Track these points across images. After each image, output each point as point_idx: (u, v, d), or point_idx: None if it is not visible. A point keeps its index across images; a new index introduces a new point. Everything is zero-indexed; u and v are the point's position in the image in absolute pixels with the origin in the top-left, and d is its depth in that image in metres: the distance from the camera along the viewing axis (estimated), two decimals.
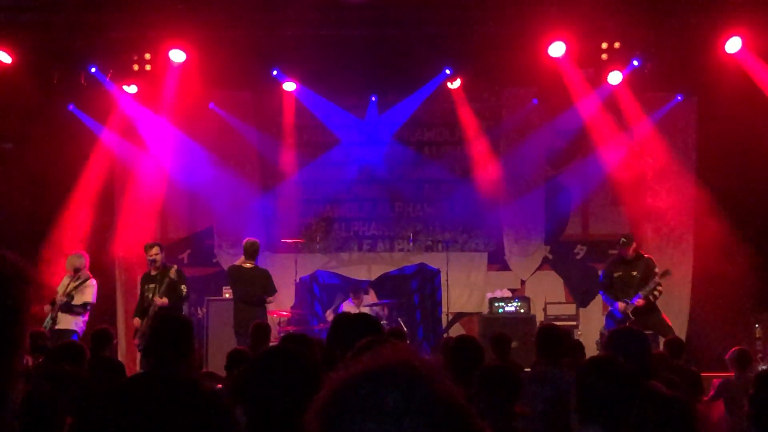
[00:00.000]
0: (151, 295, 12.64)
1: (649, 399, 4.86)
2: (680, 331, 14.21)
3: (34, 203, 14.33)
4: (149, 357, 5.03)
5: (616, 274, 12.89)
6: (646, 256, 13.10)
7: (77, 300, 12.43)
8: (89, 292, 12.61)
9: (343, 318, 6.05)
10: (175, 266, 12.82)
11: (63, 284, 12.67)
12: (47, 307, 12.32)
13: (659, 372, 6.86)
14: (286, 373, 3.24)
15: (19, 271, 2.07)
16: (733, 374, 9.60)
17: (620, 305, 12.55)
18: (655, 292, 12.61)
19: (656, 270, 12.77)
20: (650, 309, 12.55)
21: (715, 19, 13.17)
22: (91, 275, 12.78)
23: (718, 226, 14.68)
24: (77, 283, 12.59)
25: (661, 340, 11.69)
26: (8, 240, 13.36)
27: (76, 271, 12.68)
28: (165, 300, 12.41)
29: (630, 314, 12.40)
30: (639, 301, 12.44)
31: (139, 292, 13.18)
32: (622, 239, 12.95)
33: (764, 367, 11.00)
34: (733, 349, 9.67)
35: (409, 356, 1.64)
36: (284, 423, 3.12)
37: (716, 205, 14.72)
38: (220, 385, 7.04)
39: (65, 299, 12.35)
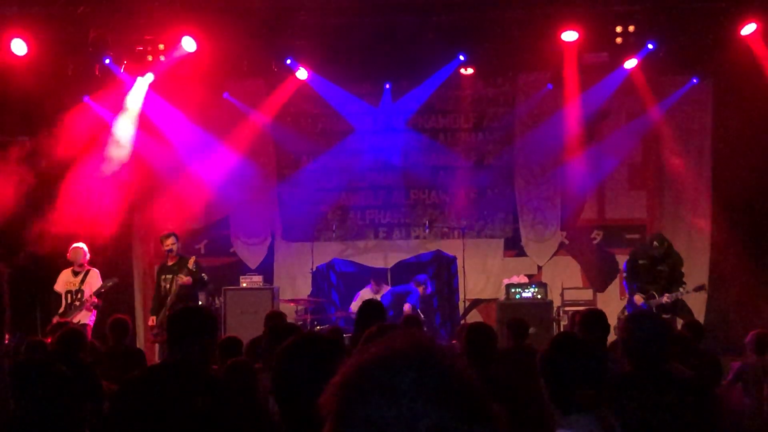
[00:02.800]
0: (168, 286, 12.70)
1: (667, 382, 4.85)
2: (698, 314, 14.19)
3: (50, 195, 14.35)
4: (171, 347, 5.05)
5: (640, 261, 12.88)
6: (674, 251, 13.07)
7: (93, 299, 12.56)
8: (97, 282, 12.71)
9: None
10: (194, 257, 12.88)
11: (68, 280, 12.74)
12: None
13: (681, 355, 6.86)
14: (314, 361, 3.23)
15: None
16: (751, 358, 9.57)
17: (638, 298, 12.54)
18: (680, 294, 12.64)
19: (682, 270, 12.80)
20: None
21: (730, 2, 13.10)
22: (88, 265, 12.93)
23: (735, 209, 14.63)
24: (83, 276, 12.69)
25: (680, 324, 11.67)
26: (23, 231, 13.47)
27: (80, 264, 12.78)
28: (188, 278, 12.47)
29: (654, 307, 12.39)
30: (665, 299, 12.46)
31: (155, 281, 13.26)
32: (655, 243, 12.91)
33: None
34: (751, 332, 9.62)
35: (422, 339, 1.64)
36: (315, 410, 3.10)
37: (733, 188, 14.65)
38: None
39: (96, 301, 12.50)
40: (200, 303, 13.10)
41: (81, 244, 13.03)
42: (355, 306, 14.41)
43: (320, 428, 1.64)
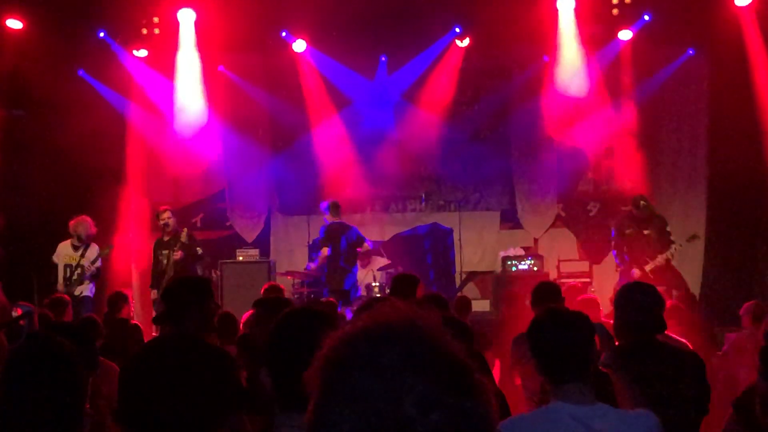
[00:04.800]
0: (165, 261, 12.72)
1: (661, 352, 4.88)
2: (694, 284, 14.23)
3: (45, 169, 14.33)
4: (165, 319, 5.07)
5: (627, 231, 12.88)
6: (657, 214, 13.08)
7: (94, 266, 12.57)
8: (97, 255, 12.72)
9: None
10: (186, 229, 12.88)
11: (67, 253, 12.72)
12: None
13: (675, 326, 6.89)
14: (309, 333, 3.24)
15: None
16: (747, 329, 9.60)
17: (635, 272, 12.54)
18: (674, 251, 12.64)
19: (668, 228, 12.79)
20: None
21: None
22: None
23: (731, 178, 14.63)
24: (83, 250, 12.68)
25: (674, 295, 11.70)
26: (21, 206, 13.45)
27: (81, 237, 12.75)
28: (180, 253, 12.47)
29: (650, 274, 12.40)
30: (661, 261, 12.47)
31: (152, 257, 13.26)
32: (642, 203, 12.89)
33: None
34: (747, 303, 9.65)
35: (409, 313, 1.63)
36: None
37: (730, 158, 14.64)
38: None
39: (94, 269, 12.50)
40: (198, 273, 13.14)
41: (86, 218, 12.95)
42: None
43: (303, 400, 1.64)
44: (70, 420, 3.25)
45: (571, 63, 14.90)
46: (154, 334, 12.61)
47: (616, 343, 5.02)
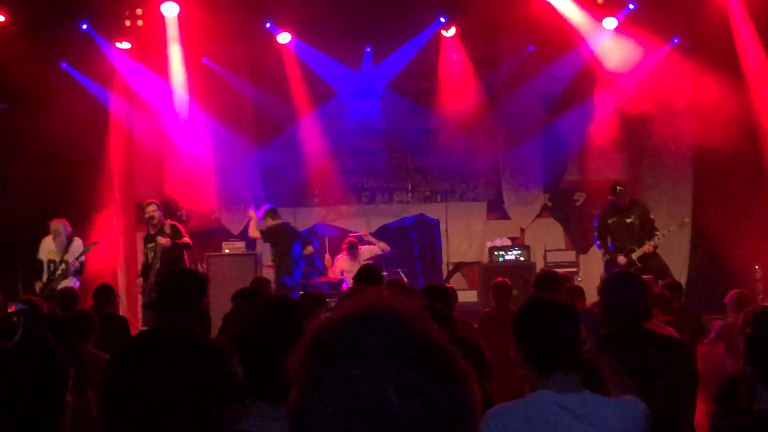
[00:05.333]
0: (151, 254, 12.67)
1: (648, 341, 4.87)
2: (680, 273, 14.28)
3: (28, 163, 14.26)
4: (157, 312, 5.04)
5: (610, 221, 12.88)
6: (639, 201, 13.11)
7: (79, 261, 12.53)
8: (81, 251, 12.66)
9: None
10: (168, 221, 12.84)
11: (51, 249, 12.67)
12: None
13: (661, 314, 6.89)
14: (282, 323, 3.23)
15: None
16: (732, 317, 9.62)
17: (621, 260, 12.53)
18: (660, 237, 12.65)
19: (651, 216, 12.81)
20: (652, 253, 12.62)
21: None
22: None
23: (717, 168, 14.66)
24: (69, 243, 12.63)
25: (660, 283, 11.71)
26: (4, 199, 13.39)
27: (62, 236, 12.69)
28: (167, 240, 12.43)
29: (636, 261, 12.41)
30: (648, 248, 12.47)
31: (142, 250, 13.23)
32: (619, 188, 12.88)
33: None
34: (731, 291, 9.67)
35: (390, 300, 1.62)
36: (280, 372, 3.10)
37: (715, 147, 14.64)
38: None
39: (78, 264, 12.46)
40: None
41: (61, 221, 12.88)
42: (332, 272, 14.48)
43: (282, 389, 1.62)
44: (51, 412, 3.23)
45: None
46: (140, 326, 12.64)
47: (603, 332, 5.01)
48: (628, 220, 12.74)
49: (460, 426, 1.55)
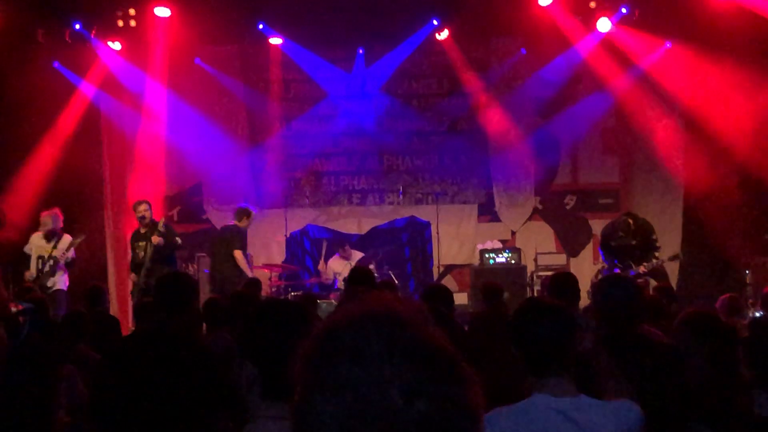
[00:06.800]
0: (142, 253, 12.63)
1: (639, 345, 4.88)
2: (671, 276, 14.28)
3: (19, 161, 14.23)
4: (151, 313, 5.05)
5: (613, 244, 12.95)
6: (641, 218, 13.13)
7: (69, 255, 12.48)
8: (69, 245, 12.60)
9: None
10: (163, 218, 12.82)
11: (39, 244, 12.61)
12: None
13: (653, 319, 6.90)
14: (293, 324, 3.25)
15: None
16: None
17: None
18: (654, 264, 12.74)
19: (654, 237, 12.87)
20: None
21: None
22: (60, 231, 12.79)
23: (708, 172, 14.69)
24: (55, 241, 12.58)
25: (653, 285, 11.76)
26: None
27: (51, 229, 12.63)
28: (161, 239, 12.39)
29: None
30: (642, 270, 12.55)
31: (130, 249, 13.18)
32: (621, 234, 12.93)
33: (757, 315, 11.01)
34: (722, 296, 9.69)
35: (392, 303, 1.63)
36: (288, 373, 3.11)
37: (706, 151, 14.69)
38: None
39: (69, 258, 12.41)
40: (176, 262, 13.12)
41: (54, 210, 12.84)
42: (326, 274, 14.47)
43: (287, 390, 1.63)
44: (43, 411, 3.24)
45: None
46: (131, 327, 12.63)
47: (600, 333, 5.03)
48: (633, 242, 12.83)
49: (463, 428, 1.56)
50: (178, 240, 12.77)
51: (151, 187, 15.76)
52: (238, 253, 13.19)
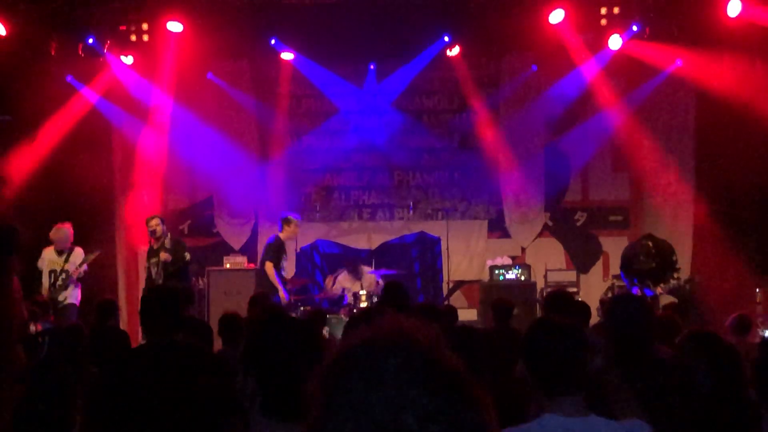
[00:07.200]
0: (155, 269, 12.66)
1: (649, 364, 4.88)
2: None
3: (32, 175, 14.27)
4: (143, 326, 5.08)
5: (635, 267, 12.95)
6: (659, 239, 13.10)
7: (81, 269, 12.51)
8: (82, 260, 12.63)
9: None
10: (169, 235, 12.82)
11: (52, 259, 12.64)
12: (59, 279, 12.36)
13: (665, 337, 6.88)
14: (293, 340, 3.26)
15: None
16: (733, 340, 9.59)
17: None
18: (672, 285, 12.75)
19: (674, 257, 12.85)
20: None
21: None
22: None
23: (719, 190, 14.68)
24: (67, 255, 12.61)
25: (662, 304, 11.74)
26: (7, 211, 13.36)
27: (62, 243, 12.66)
28: (168, 255, 12.39)
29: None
30: (659, 291, 12.55)
31: (143, 264, 13.23)
32: (642, 258, 12.93)
33: (767, 334, 10.99)
34: (732, 315, 9.65)
35: (408, 325, 1.64)
36: (292, 389, 3.13)
37: (717, 169, 14.68)
38: None
39: (81, 273, 12.44)
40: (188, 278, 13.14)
41: (65, 225, 12.88)
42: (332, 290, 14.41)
43: (290, 407, 1.65)
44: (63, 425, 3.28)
45: None
46: (140, 341, 12.62)
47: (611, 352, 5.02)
48: (653, 264, 12.85)
49: None
50: (188, 256, 12.78)
51: (162, 201, 15.81)
52: (267, 266, 13.25)
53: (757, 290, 13.82)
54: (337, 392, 1.57)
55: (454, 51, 15.25)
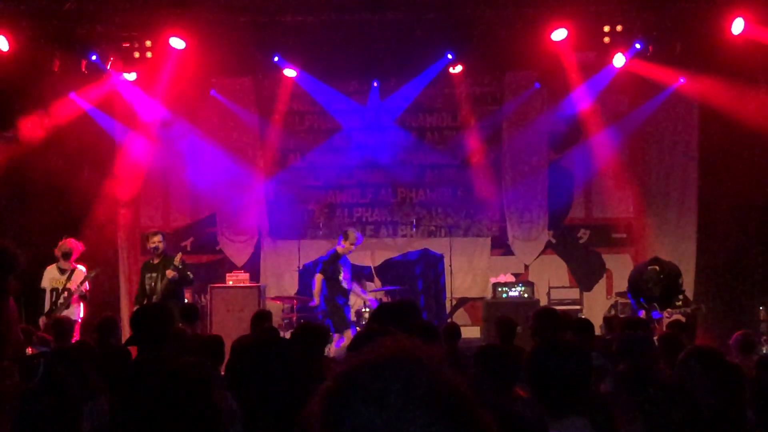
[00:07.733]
0: (153, 284, 12.62)
1: (658, 381, 4.85)
2: None
3: (35, 192, 14.27)
4: (132, 345, 5.09)
5: (643, 293, 12.93)
6: (666, 262, 13.04)
7: (83, 288, 12.48)
8: (84, 278, 12.59)
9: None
10: (180, 254, 12.78)
11: (54, 277, 12.61)
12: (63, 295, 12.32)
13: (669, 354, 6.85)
14: (276, 362, 3.24)
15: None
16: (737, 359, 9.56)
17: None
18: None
19: (680, 280, 12.79)
20: None
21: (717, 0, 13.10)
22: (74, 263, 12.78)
23: (721, 208, 14.67)
24: (69, 273, 12.57)
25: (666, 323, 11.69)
26: (10, 229, 13.36)
27: (64, 261, 12.64)
28: (175, 273, 12.35)
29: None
30: (665, 315, 12.49)
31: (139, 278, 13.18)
32: (649, 285, 12.86)
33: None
34: (736, 333, 9.61)
35: (410, 346, 1.62)
36: (277, 412, 3.12)
37: (720, 187, 14.68)
38: None
39: (83, 291, 12.40)
40: (186, 300, 13.04)
41: (68, 241, 12.86)
42: None
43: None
44: None
45: None
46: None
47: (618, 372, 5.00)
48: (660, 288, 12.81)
49: None
50: (190, 275, 12.75)
51: (165, 218, 15.82)
52: (317, 277, 13.38)
53: (761, 308, 13.80)
54: (340, 412, 1.55)
55: (458, 69, 15.26)
